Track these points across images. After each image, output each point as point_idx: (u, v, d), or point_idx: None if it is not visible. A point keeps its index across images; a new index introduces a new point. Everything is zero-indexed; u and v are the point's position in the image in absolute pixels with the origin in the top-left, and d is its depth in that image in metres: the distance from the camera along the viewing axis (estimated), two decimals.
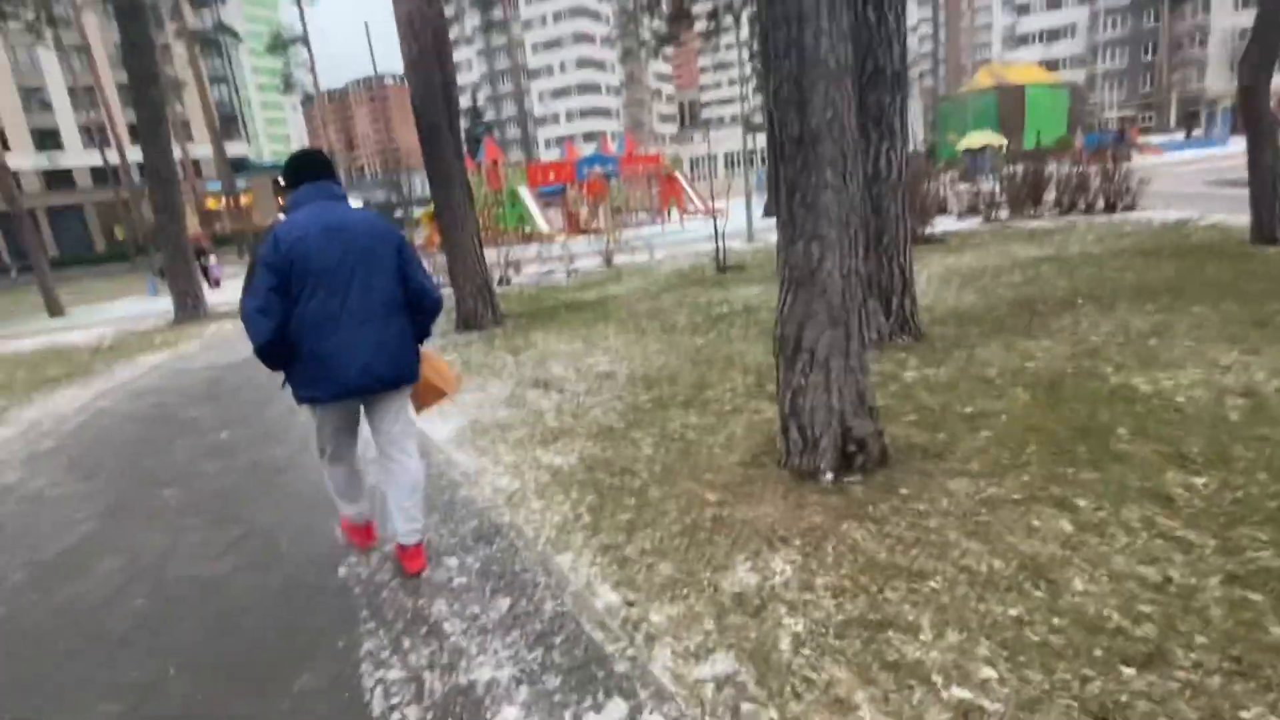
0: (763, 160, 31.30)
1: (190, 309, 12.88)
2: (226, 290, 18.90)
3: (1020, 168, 13.48)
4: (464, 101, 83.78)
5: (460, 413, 4.90)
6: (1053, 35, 66.10)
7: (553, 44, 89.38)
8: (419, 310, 2.77)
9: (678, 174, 28.52)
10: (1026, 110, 44.17)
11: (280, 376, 2.73)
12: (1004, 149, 31.45)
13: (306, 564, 3.01)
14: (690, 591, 2.45)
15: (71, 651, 2.55)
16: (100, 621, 2.73)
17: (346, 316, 2.55)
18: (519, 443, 4.15)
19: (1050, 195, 12.78)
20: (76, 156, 51.55)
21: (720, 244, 10.53)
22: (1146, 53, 61.82)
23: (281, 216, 2.76)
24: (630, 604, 2.43)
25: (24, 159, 51.20)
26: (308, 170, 2.72)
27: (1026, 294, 6.44)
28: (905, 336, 5.11)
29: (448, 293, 11.53)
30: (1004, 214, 12.91)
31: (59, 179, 51.96)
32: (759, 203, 22.65)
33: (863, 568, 2.48)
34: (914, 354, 4.85)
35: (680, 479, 3.34)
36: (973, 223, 12.89)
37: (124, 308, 19.16)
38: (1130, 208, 11.82)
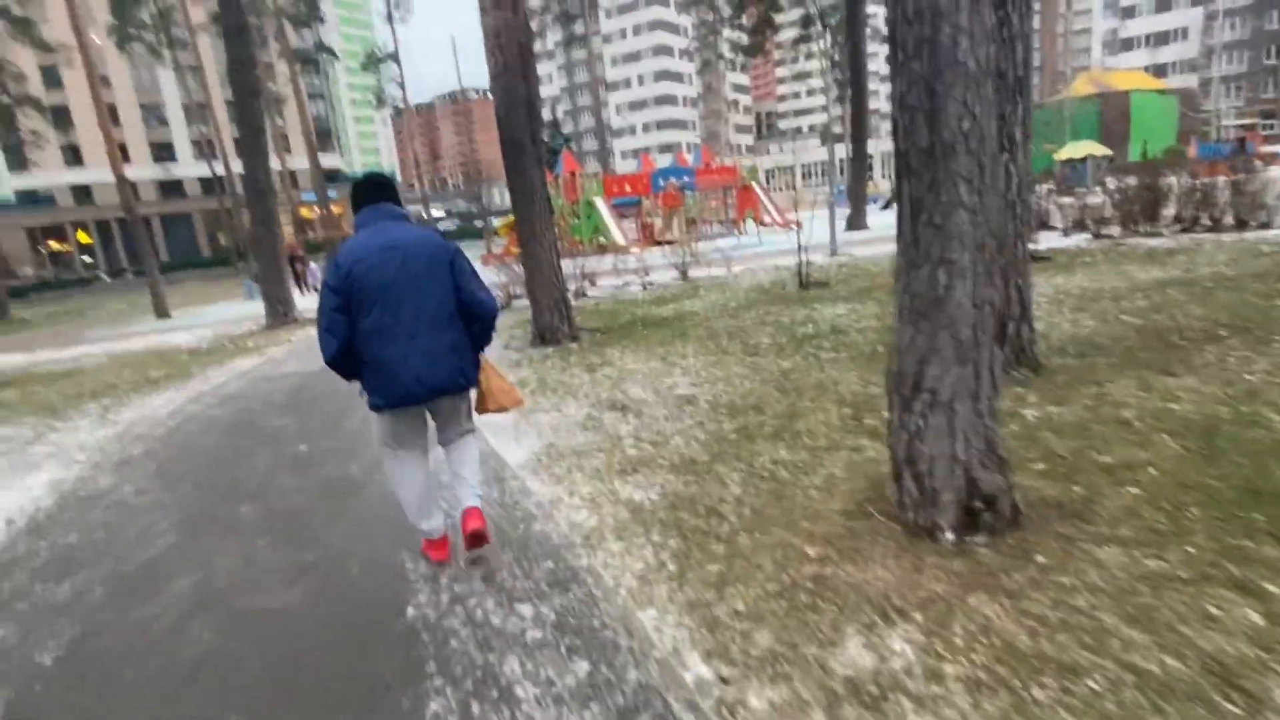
0: (841, 171, 30.48)
1: (281, 314, 13.39)
2: None
3: (1132, 180, 12.44)
4: (544, 115, 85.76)
5: (536, 434, 4.72)
6: (1161, 39, 62.07)
7: (631, 57, 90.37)
8: (474, 321, 2.90)
9: (755, 185, 28.03)
10: (1131, 119, 41.50)
11: (357, 385, 2.92)
12: (1108, 160, 29.55)
13: (374, 601, 2.84)
14: (794, 670, 2.13)
15: (137, 683, 2.45)
16: (167, 652, 2.63)
17: (401, 330, 2.72)
18: (596, 472, 3.92)
19: (1169, 210, 11.72)
20: (187, 168, 55.35)
21: (803, 259, 10.09)
22: (1269, 55, 57.19)
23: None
24: (725, 681, 2.12)
25: (142, 170, 55.40)
26: (370, 194, 2.91)
27: (1156, 322, 5.78)
28: (1022, 369, 4.61)
29: (523, 304, 11.52)
30: (1114, 230, 11.92)
31: (171, 188, 55.94)
32: (841, 215, 21.98)
33: (1000, 655, 2.10)
34: (1034, 389, 4.35)
35: (774, 526, 3.02)
36: (1079, 239, 11.97)
37: (223, 311, 20.24)
38: (1266, 225, 10.68)
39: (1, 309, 29.77)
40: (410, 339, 2.74)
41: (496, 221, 41.73)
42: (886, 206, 37.64)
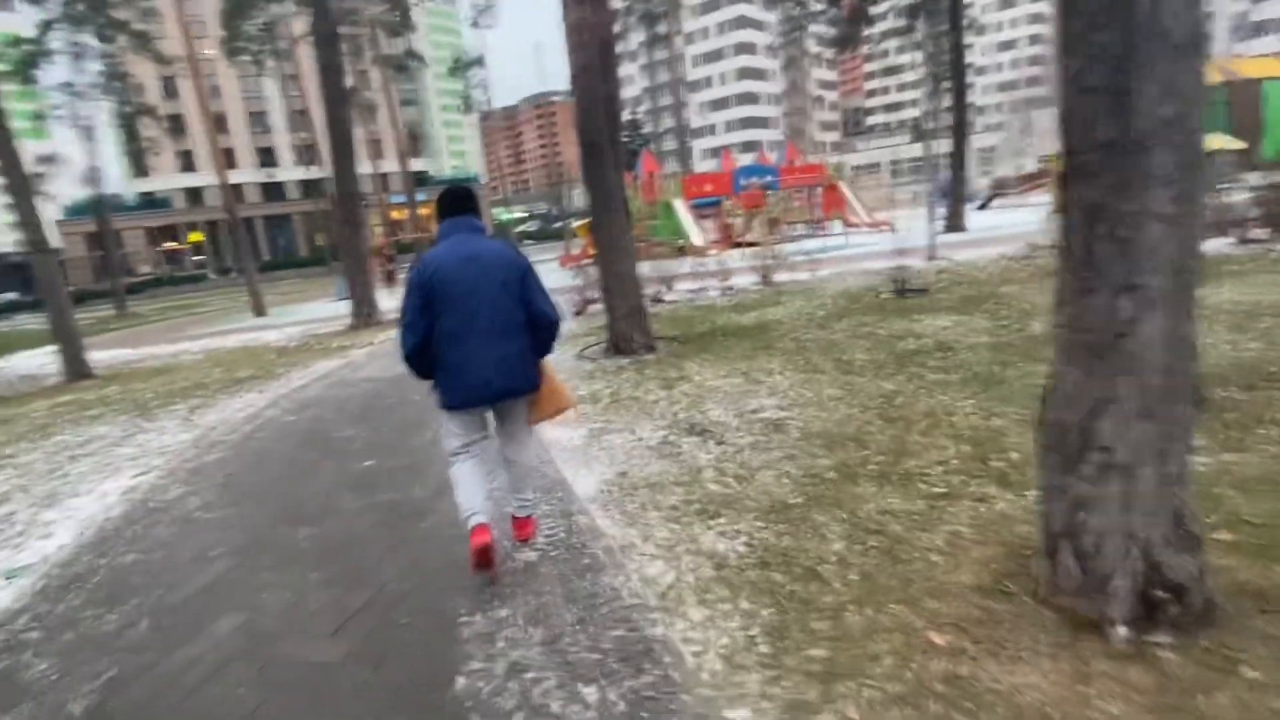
0: (934, 169, 28.88)
1: (365, 315, 13.62)
2: None
3: None
4: (624, 116, 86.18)
5: (608, 460, 4.33)
6: None
7: (713, 55, 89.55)
8: (538, 330, 3.09)
9: (842, 184, 26.92)
10: (1264, 109, 37.65)
11: (428, 387, 3.13)
12: (1242, 154, 26.80)
13: (421, 665, 2.51)
14: None
15: None
16: (198, 707, 2.38)
17: (473, 335, 2.92)
18: (674, 512, 3.49)
19: None
20: (288, 171, 58.41)
21: (901, 263, 9.34)
22: None
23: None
24: None
25: (248, 174, 58.92)
26: (452, 207, 3.12)
27: None
28: None
29: (599, 309, 11.23)
30: (1261, 234, 10.55)
31: (273, 191, 59.22)
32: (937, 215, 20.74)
33: None
34: (1201, 431, 3.63)
35: (889, 600, 2.51)
36: (1219, 243, 10.66)
37: (314, 309, 20.98)
38: None
39: (120, 304, 32.18)
40: (482, 344, 2.94)
41: (575, 223, 42.04)
42: (983, 207, 35.59)
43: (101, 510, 4.55)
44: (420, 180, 59.48)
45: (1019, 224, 19.40)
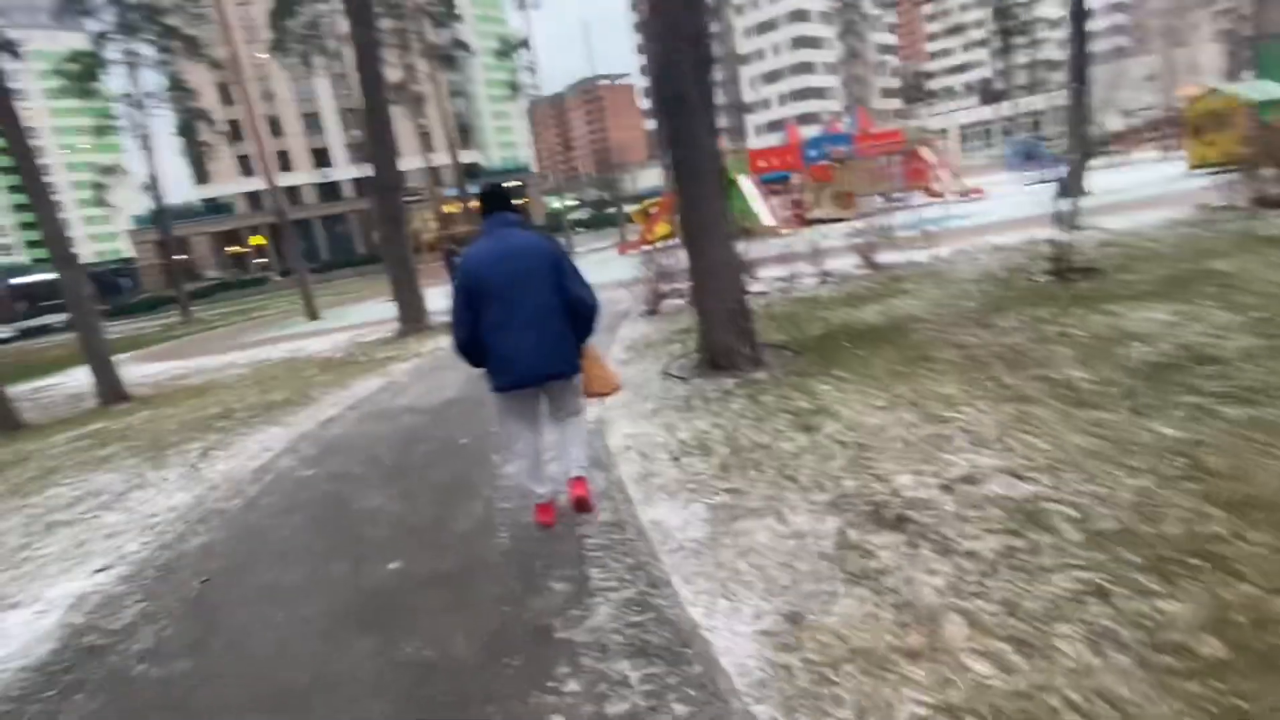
0: (1005, 132, 25.87)
1: (413, 320, 12.34)
2: None
3: None
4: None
5: (756, 579, 2.69)
6: None
7: (766, 26, 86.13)
8: (576, 315, 3.28)
9: (924, 150, 24.38)
10: None
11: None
12: None
13: None
14: None
15: None
16: None
17: (515, 323, 3.15)
18: None
19: None
20: (343, 171, 58.61)
21: (1061, 236, 7.33)
22: None
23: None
24: None
25: (304, 175, 59.41)
26: (491, 205, 3.36)
27: None
28: None
29: (674, 305, 9.56)
30: None
31: (329, 191, 59.57)
32: (1019, 179, 18.20)
33: None
34: None
35: None
36: None
37: (367, 311, 20.00)
38: None
39: (184, 310, 32.29)
40: (523, 331, 3.15)
41: (631, 208, 40.41)
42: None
43: (23, 643, 3.20)
44: (471, 172, 58.87)
45: (1145, 183, 16.79)
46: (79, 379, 14.63)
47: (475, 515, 3.72)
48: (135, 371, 14.73)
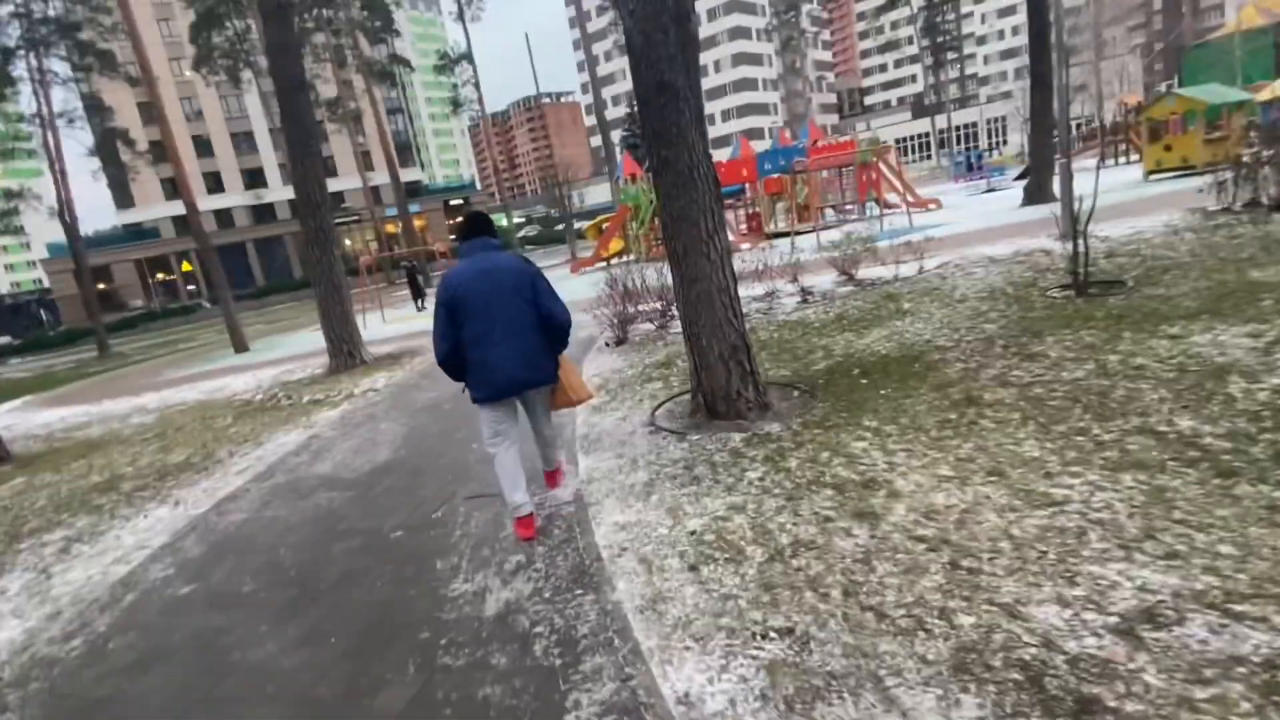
0: (940, 145, 25.86)
1: (345, 355, 10.92)
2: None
3: None
4: (621, 109, 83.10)
5: None
6: None
7: (707, 43, 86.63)
8: (551, 329, 3.56)
9: (881, 163, 24.01)
10: None
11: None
12: None
13: None
14: None
15: None
16: None
17: (495, 337, 3.41)
18: None
19: None
20: (277, 192, 55.92)
21: (1078, 246, 6.52)
22: None
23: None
24: None
25: (236, 197, 56.48)
26: (472, 229, 3.66)
27: None
28: None
29: (642, 332, 8.50)
30: None
31: (264, 213, 56.74)
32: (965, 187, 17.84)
33: None
34: None
35: None
36: None
37: (299, 341, 18.36)
38: None
39: (100, 345, 29.62)
40: (502, 344, 3.41)
41: (583, 225, 39.30)
42: (1023, 177, 32.52)
43: None
44: (413, 191, 56.85)
45: (1108, 189, 16.57)
46: None
47: (407, 680, 2.53)
48: (32, 420, 12.93)
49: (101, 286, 51.17)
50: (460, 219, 3.71)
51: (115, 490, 6.29)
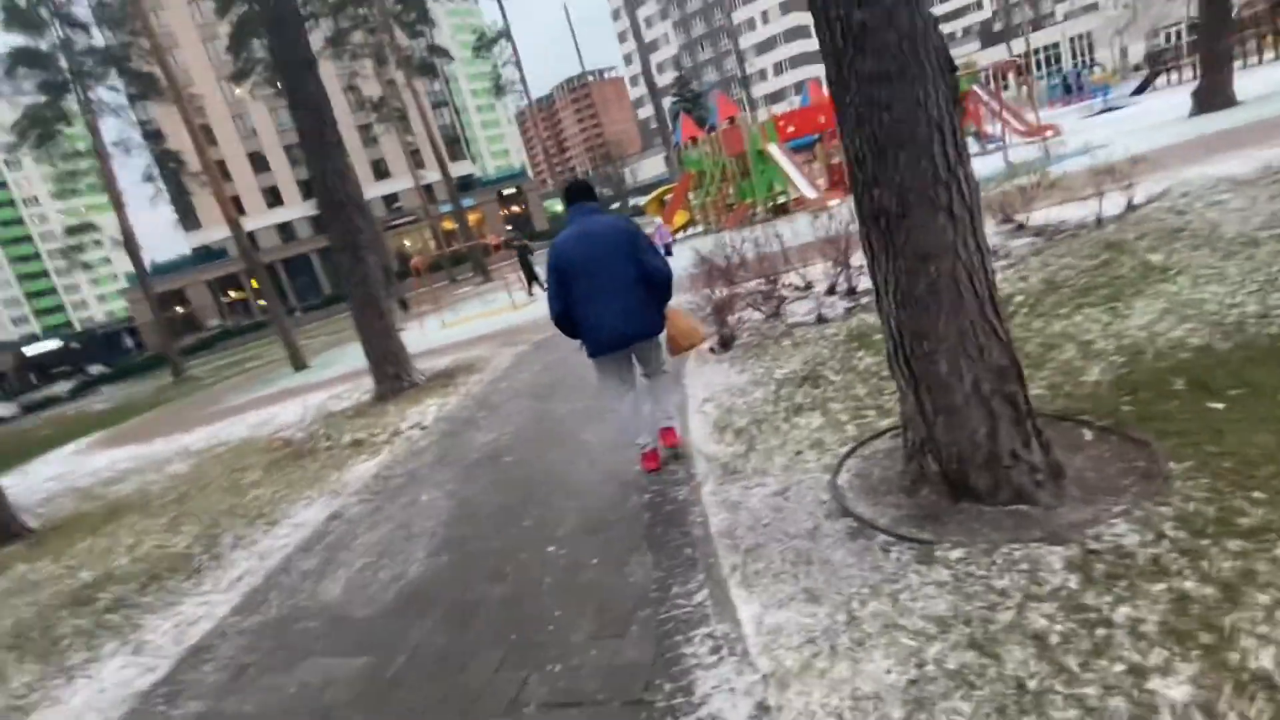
0: (1019, 71, 22.34)
1: (392, 378, 9.27)
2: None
3: None
4: (670, 75, 79.74)
5: None
6: None
7: None
8: (652, 284, 3.72)
9: (976, 88, 20.85)
10: None
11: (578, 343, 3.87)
12: None
13: None
14: None
15: None
16: None
17: (599, 294, 3.63)
18: None
19: None
20: (295, 209, 56.15)
21: None
22: None
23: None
24: None
25: (297, 210, 56.91)
26: (574, 195, 3.91)
27: None
28: None
29: (745, 344, 6.49)
30: None
31: (285, 231, 57.01)
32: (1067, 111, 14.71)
33: None
34: None
35: None
36: None
37: (356, 354, 17.09)
38: None
39: (175, 369, 29.57)
40: (607, 301, 3.63)
41: (641, 200, 37.14)
42: (1141, 90, 28.35)
43: None
44: (465, 185, 55.79)
45: None
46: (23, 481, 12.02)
47: None
48: (83, 466, 12.09)
49: (180, 310, 52.55)
50: (563, 188, 4.00)
51: (91, 605, 4.74)
